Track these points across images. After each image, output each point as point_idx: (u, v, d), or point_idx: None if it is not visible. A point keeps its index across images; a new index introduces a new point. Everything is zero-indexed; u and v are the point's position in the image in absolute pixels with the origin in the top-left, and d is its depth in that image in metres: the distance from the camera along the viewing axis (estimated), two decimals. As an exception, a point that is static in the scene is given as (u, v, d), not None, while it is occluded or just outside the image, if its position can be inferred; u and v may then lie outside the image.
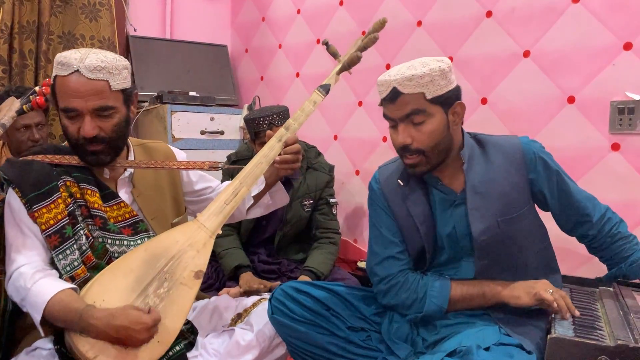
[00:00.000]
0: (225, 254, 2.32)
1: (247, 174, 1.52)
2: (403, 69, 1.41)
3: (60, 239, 1.39)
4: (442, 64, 1.41)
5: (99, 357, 1.27)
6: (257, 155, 1.54)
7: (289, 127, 1.56)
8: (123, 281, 1.35)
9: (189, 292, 1.40)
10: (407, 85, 1.40)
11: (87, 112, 1.39)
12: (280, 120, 2.27)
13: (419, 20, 2.62)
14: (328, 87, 1.60)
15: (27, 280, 1.33)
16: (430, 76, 1.39)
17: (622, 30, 1.98)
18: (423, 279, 1.52)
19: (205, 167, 1.60)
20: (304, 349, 1.58)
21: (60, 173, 1.45)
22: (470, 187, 1.47)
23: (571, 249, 1.69)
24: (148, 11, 3.51)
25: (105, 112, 1.41)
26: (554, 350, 1.18)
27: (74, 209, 1.44)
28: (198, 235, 1.45)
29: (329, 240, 2.43)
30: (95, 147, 1.43)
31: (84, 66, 1.37)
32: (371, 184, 1.66)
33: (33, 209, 1.38)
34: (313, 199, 2.46)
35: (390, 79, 1.42)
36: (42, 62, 2.94)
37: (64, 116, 1.42)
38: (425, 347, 1.48)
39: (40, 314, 1.29)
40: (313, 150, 2.57)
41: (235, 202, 1.49)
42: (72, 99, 1.38)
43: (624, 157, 1.99)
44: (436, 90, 1.41)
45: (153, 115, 3.08)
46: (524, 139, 1.53)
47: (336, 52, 1.66)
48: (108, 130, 1.43)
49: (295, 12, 3.29)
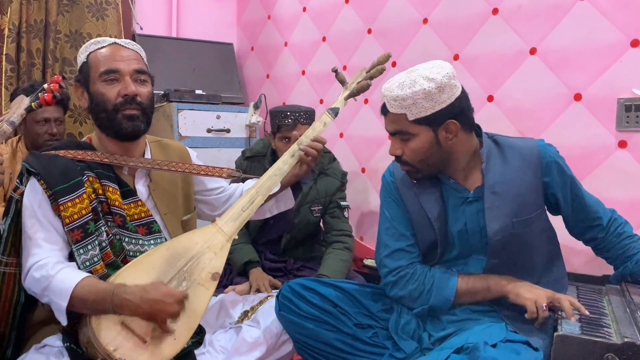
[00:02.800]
0: (235, 249, 2.32)
1: (262, 185, 1.63)
2: (394, 86, 1.44)
3: (83, 234, 1.41)
4: (430, 84, 1.39)
5: (119, 350, 1.28)
6: (272, 168, 1.66)
7: (301, 143, 1.67)
8: (145, 277, 1.37)
9: (206, 293, 1.44)
10: (392, 105, 1.45)
11: (127, 73, 1.49)
12: (305, 119, 2.27)
13: (424, 17, 2.61)
14: (337, 110, 1.73)
15: (50, 269, 1.34)
16: (413, 99, 1.41)
17: (629, 27, 1.97)
18: (431, 271, 1.53)
19: (223, 174, 1.67)
20: (311, 346, 1.58)
21: (83, 168, 1.47)
22: (488, 186, 1.48)
23: (577, 247, 1.69)
24: (154, 10, 3.53)
25: (143, 76, 1.53)
26: (561, 348, 1.18)
27: (96, 205, 1.46)
28: (216, 238, 1.51)
29: (344, 245, 2.37)
30: (133, 110, 1.49)
31: (120, 40, 1.54)
32: (385, 176, 1.67)
33: (59, 201, 1.39)
34: (322, 204, 2.42)
35: (384, 93, 1.47)
36: (49, 60, 2.96)
37: (102, 82, 1.48)
38: (431, 343, 1.48)
39: (67, 298, 1.30)
40: (328, 156, 2.53)
41: (251, 210, 1.58)
42: (115, 62, 1.49)
43: (631, 154, 1.99)
44: (418, 113, 1.42)
45: (160, 113, 3.09)
46: (540, 142, 1.54)
47: (344, 79, 1.77)
48: (144, 96, 1.52)
49: (301, 10, 3.29)
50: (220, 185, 1.82)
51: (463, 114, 1.45)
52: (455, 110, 1.43)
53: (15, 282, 1.46)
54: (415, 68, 1.46)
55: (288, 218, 2.37)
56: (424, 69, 1.43)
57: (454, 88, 1.43)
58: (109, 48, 1.51)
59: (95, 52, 1.51)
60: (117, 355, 1.28)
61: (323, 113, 1.72)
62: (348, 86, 1.75)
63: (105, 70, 1.48)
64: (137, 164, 1.55)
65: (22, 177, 1.47)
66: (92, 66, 1.50)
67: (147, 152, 1.63)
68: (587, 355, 1.15)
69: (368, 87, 1.75)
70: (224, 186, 1.83)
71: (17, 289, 1.47)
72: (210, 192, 1.80)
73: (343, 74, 1.79)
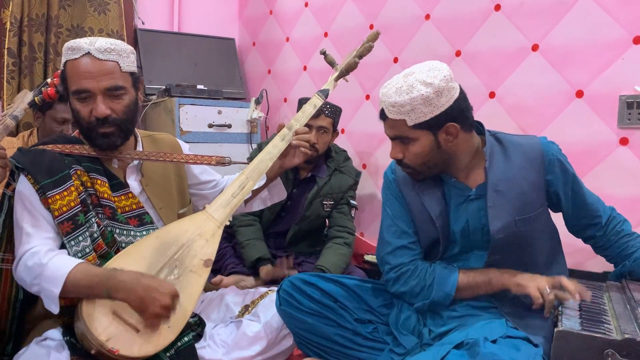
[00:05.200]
0: (248, 244, 2.34)
1: (253, 169, 1.60)
2: (391, 91, 1.43)
3: (73, 226, 1.41)
4: (427, 89, 1.38)
5: (112, 340, 1.28)
6: (262, 152, 1.63)
7: (291, 127, 1.65)
8: (135, 266, 1.38)
9: (199, 280, 1.44)
10: (391, 111, 1.44)
11: (99, 92, 1.44)
12: (330, 112, 2.35)
13: (427, 13, 2.61)
14: (327, 92, 1.71)
15: (42, 257, 1.34)
16: (411, 105, 1.39)
17: (631, 24, 1.96)
18: (431, 267, 1.54)
19: (212, 162, 1.64)
20: (311, 341, 1.59)
21: (71, 162, 1.47)
22: (491, 184, 1.48)
23: (578, 244, 1.70)
24: (156, 4, 3.52)
25: (117, 92, 1.46)
26: (561, 344, 1.18)
27: (85, 197, 1.46)
28: (207, 225, 1.50)
29: (344, 240, 2.41)
30: (107, 129, 1.46)
31: (94, 48, 1.43)
32: (386, 173, 1.67)
33: (47, 195, 1.39)
34: (335, 200, 2.46)
35: (382, 98, 1.45)
36: (51, 55, 2.96)
37: (76, 99, 1.46)
38: (431, 339, 1.48)
39: (60, 285, 1.30)
40: (343, 154, 2.59)
41: (242, 195, 1.56)
42: (84, 80, 1.43)
43: (632, 151, 1.98)
44: (418, 118, 1.41)
45: (161, 108, 3.09)
46: (543, 139, 1.54)
47: (333, 61, 1.76)
48: (119, 112, 1.47)
49: (303, 5, 3.29)
50: (214, 179, 1.83)
51: (462, 115, 1.45)
52: (454, 113, 1.42)
53: (13, 279, 1.46)
54: (412, 71, 1.44)
55: (299, 210, 2.39)
56: (421, 72, 1.41)
57: (452, 90, 1.41)
58: (82, 61, 1.43)
59: (70, 62, 1.45)
60: (109, 345, 1.27)
61: (313, 95, 1.70)
62: (338, 67, 1.74)
63: (76, 89, 1.45)
64: (124, 156, 1.55)
65: (13, 174, 1.47)
66: (67, 78, 1.47)
67: (138, 145, 1.63)
68: (587, 351, 1.15)
69: (356, 65, 1.73)
70: (217, 179, 1.84)
71: (16, 285, 1.48)
72: (204, 185, 1.80)
73: (332, 55, 1.77)
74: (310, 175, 2.02)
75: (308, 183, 2.39)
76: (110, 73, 1.44)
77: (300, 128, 1.65)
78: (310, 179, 1.83)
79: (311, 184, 2.28)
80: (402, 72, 1.46)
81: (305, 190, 2.43)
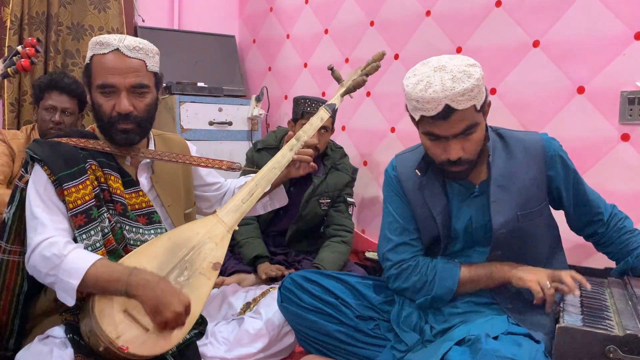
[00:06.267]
0: (245, 242, 2.35)
1: (262, 177, 1.63)
2: (447, 83, 1.32)
3: (87, 219, 1.41)
4: (478, 69, 1.35)
5: (122, 338, 1.28)
6: (271, 161, 1.65)
7: (299, 138, 1.67)
8: (147, 266, 1.38)
9: (207, 282, 1.44)
10: (460, 101, 1.33)
11: (124, 88, 1.46)
12: None
13: (427, 10, 2.60)
14: (334, 106, 1.76)
15: (62, 248, 1.34)
16: (478, 87, 1.34)
17: (633, 20, 1.96)
18: (432, 262, 1.54)
19: (223, 166, 1.66)
20: (312, 337, 1.59)
21: (86, 156, 1.48)
22: (494, 179, 1.47)
23: (579, 240, 1.70)
24: (156, 2, 3.52)
25: (141, 90, 1.48)
26: (563, 340, 1.18)
27: (98, 192, 1.47)
28: (217, 229, 1.51)
29: (342, 239, 2.41)
30: (127, 125, 1.48)
31: (123, 45, 1.46)
32: (387, 170, 1.67)
33: (63, 187, 1.40)
34: (331, 198, 2.46)
35: (439, 95, 1.32)
36: (51, 53, 2.96)
37: (99, 93, 1.47)
38: (433, 336, 1.49)
39: (80, 278, 1.30)
40: (339, 151, 2.58)
41: (250, 202, 1.59)
42: (111, 76, 1.45)
43: (633, 147, 1.98)
44: (482, 99, 1.38)
45: (162, 105, 3.09)
46: (544, 135, 1.54)
47: (339, 77, 1.80)
48: (141, 110, 1.49)
49: (303, 2, 3.28)
50: (218, 181, 1.84)
51: None
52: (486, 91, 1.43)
53: (18, 271, 1.47)
54: (442, 64, 1.36)
55: (297, 209, 2.40)
56: (453, 59, 1.37)
57: None
58: (110, 56, 1.46)
59: (97, 56, 1.47)
60: (119, 342, 1.27)
61: (320, 108, 1.74)
62: (344, 83, 1.78)
63: (101, 84, 1.46)
64: (138, 154, 1.56)
65: (26, 166, 1.47)
66: (93, 72, 1.48)
67: (150, 144, 1.64)
68: (589, 347, 1.15)
69: (364, 83, 1.77)
70: (221, 182, 1.85)
71: (20, 277, 1.48)
72: (209, 187, 1.81)
73: (339, 71, 1.82)
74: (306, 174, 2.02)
75: (304, 182, 2.39)
76: (136, 71, 1.47)
77: (308, 140, 1.68)
78: (306, 178, 1.82)
79: (307, 182, 2.28)
80: (430, 68, 1.37)
81: (302, 189, 2.43)
